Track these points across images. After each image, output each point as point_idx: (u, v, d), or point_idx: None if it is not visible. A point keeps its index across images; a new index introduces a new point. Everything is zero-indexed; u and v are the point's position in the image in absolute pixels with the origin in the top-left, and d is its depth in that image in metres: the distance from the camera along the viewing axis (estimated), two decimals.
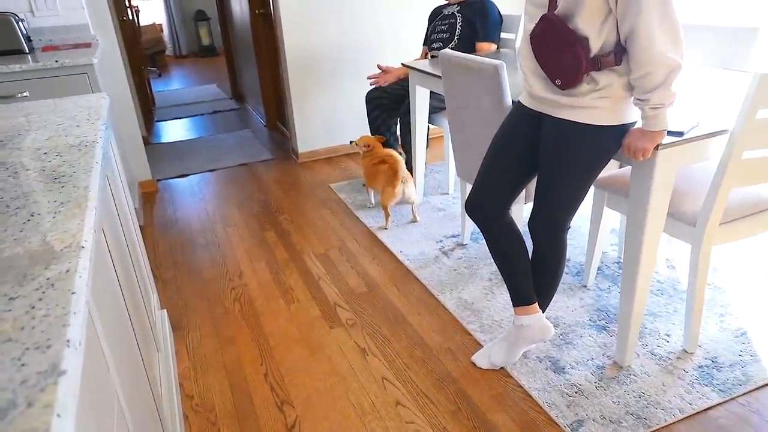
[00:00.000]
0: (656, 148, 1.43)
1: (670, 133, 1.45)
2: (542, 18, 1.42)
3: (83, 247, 0.75)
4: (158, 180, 3.70)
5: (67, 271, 0.69)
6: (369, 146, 2.93)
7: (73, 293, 0.64)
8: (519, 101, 1.65)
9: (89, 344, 0.73)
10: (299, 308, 2.23)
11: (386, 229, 2.81)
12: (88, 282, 0.69)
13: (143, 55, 6.09)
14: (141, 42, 5.95)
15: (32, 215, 0.86)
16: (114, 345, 0.93)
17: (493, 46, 2.88)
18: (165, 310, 2.07)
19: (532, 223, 1.66)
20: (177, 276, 2.52)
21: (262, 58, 4.51)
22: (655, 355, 1.81)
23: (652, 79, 1.32)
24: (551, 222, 1.63)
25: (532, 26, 1.46)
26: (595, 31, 1.35)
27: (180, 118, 5.39)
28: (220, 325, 2.15)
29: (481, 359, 1.85)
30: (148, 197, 3.46)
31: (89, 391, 0.68)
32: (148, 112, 5.19)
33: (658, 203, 1.55)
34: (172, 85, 7.20)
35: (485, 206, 1.70)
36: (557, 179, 1.55)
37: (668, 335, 1.90)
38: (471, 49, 2.88)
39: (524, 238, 1.72)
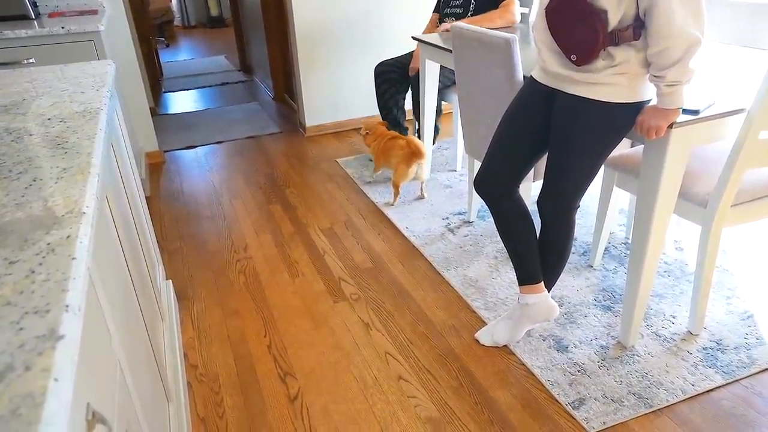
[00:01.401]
0: (670, 126, 1.40)
1: (685, 111, 1.42)
2: None
3: (84, 213, 0.74)
4: (165, 151, 3.69)
5: (68, 236, 0.68)
6: (368, 132, 2.92)
7: (73, 258, 0.63)
8: (531, 76, 1.62)
9: (90, 310, 0.73)
10: (304, 282, 2.23)
11: (392, 205, 2.80)
12: (89, 248, 0.69)
13: (151, 24, 6.02)
14: (149, 11, 5.88)
15: (34, 180, 0.85)
16: (117, 312, 0.93)
17: (516, 2, 2.77)
18: (170, 281, 2.08)
19: (541, 201, 1.64)
20: (182, 247, 2.53)
21: (271, 30, 4.44)
22: (660, 336, 1.81)
23: (670, 55, 1.28)
24: (561, 201, 1.61)
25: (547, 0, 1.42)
26: (614, 3, 1.31)
27: (188, 89, 5.35)
28: (225, 297, 2.16)
29: (484, 337, 1.85)
30: (155, 168, 3.45)
31: (89, 357, 0.68)
32: (156, 82, 5.16)
33: (669, 183, 1.52)
34: (180, 56, 7.14)
35: (494, 183, 1.67)
36: (568, 157, 1.52)
37: (674, 317, 1.89)
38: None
39: (532, 216, 1.70)
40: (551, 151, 1.57)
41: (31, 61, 2.39)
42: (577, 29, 1.35)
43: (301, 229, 2.64)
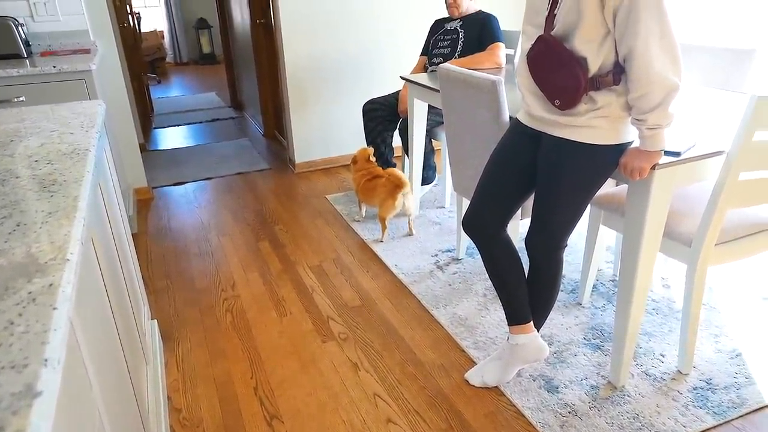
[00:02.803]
0: (653, 167, 1.43)
1: (667, 153, 1.45)
2: (539, 39, 1.42)
3: (68, 260, 0.73)
4: (154, 187, 3.69)
5: (51, 285, 0.67)
6: (355, 161, 2.94)
7: (54, 309, 0.62)
8: (517, 119, 1.65)
9: (71, 361, 0.71)
10: (292, 321, 2.21)
11: (381, 242, 2.80)
12: (71, 296, 0.68)
13: (143, 61, 6.09)
14: (141, 48, 5.96)
15: (18, 225, 0.84)
16: (98, 361, 0.92)
17: (502, 46, 2.85)
18: (155, 320, 2.05)
19: (528, 240, 1.65)
20: (169, 286, 2.50)
21: (262, 67, 4.51)
22: (650, 376, 1.80)
23: (650, 100, 1.32)
24: (548, 240, 1.62)
25: (529, 46, 1.46)
26: (593, 51, 1.35)
27: (178, 125, 5.39)
28: (211, 337, 2.13)
29: (474, 377, 1.83)
30: (144, 204, 3.44)
31: (68, 411, 0.66)
32: (147, 118, 5.19)
33: (654, 223, 1.54)
34: (171, 92, 7.21)
35: (482, 223, 1.68)
36: (555, 197, 1.54)
37: (663, 355, 1.89)
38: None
39: (520, 254, 1.71)
40: (538, 191, 1.59)
41: (21, 99, 2.40)
42: (559, 76, 1.39)
43: (290, 267, 2.62)
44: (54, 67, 2.40)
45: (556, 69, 1.38)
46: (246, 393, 1.83)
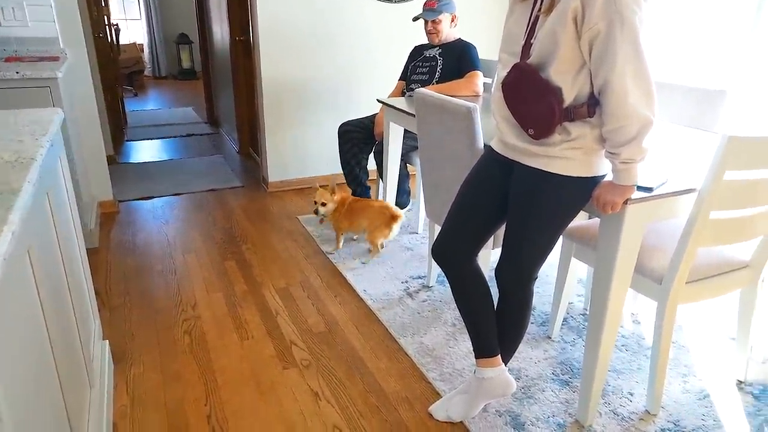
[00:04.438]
0: (625, 202, 1.41)
1: (639, 188, 1.43)
2: (514, 66, 1.40)
3: None
4: (120, 201, 3.57)
5: None
6: (333, 191, 2.84)
7: None
8: (490, 146, 1.62)
9: None
10: (253, 345, 2.12)
11: (376, 257, 2.83)
12: None
13: (119, 73, 5.99)
14: (118, 60, 5.86)
15: None
16: (16, 390, 0.83)
17: (480, 74, 2.85)
18: (107, 341, 1.94)
19: (498, 271, 1.61)
20: (127, 303, 2.39)
21: (239, 84, 4.46)
22: (618, 415, 1.75)
23: (624, 133, 1.30)
24: (519, 271, 1.58)
25: (504, 74, 1.44)
26: (568, 81, 1.34)
27: (152, 138, 5.28)
28: (167, 359, 2.02)
29: (438, 411, 1.76)
30: (108, 218, 3.32)
31: None
32: (119, 130, 5.07)
33: (625, 257, 1.52)
34: (147, 105, 7.10)
35: (452, 251, 1.64)
36: (526, 228, 1.51)
37: (631, 394, 1.85)
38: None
39: (491, 285, 1.66)
40: (509, 221, 1.55)
41: None
42: (533, 105, 1.36)
43: (255, 288, 2.53)
44: (17, 73, 2.31)
45: (531, 97, 1.36)
46: (198, 422, 1.73)
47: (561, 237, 1.95)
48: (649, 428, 1.70)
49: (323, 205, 2.81)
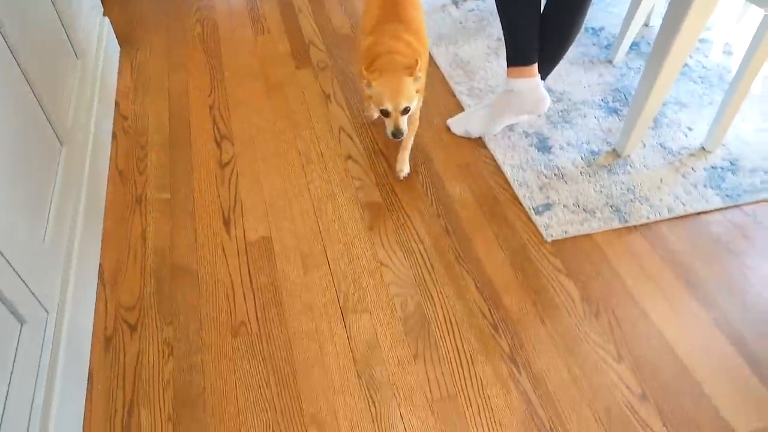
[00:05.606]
0: None
1: None
2: None
3: None
4: None
5: None
6: None
7: None
8: None
9: None
10: (267, 41, 1.91)
11: None
12: None
13: None
14: None
15: None
16: None
17: None
18: (107, 17, 1.78)
19: None
20: None
21: None
22: (665, 148, 1.51)
23: None
24: None
25: None
26: None
27: None
28: (175, 47, 1.87)
29: (456, 125, 1.57)
30: None
31: None
32: None
33: None
34: None
35: None
36: None
37: (690, 128, 1.56)
38: None
39: None
40: None
41: None
42: None
43: None
44: None
45: None
46: (200, 110, 1.64)
47: None
48: (698, 164, 1.45)
49: None
